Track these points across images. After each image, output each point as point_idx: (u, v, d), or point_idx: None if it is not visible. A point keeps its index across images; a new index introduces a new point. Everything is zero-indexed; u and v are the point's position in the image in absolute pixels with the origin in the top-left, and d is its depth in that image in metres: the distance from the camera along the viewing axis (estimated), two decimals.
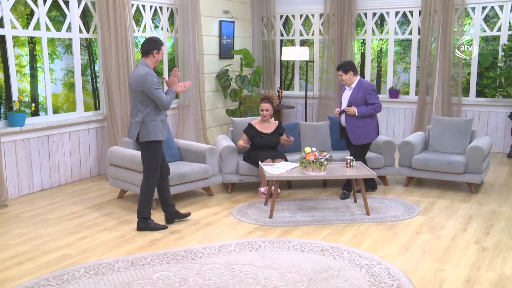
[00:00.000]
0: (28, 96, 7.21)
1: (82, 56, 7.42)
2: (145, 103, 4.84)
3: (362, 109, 5.92)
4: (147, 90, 4.76)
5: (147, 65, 4.87)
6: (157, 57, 4.91)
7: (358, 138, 6.00)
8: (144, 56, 4.91)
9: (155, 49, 4.87)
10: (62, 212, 5.67)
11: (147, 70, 4.80)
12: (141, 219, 5.10)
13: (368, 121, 5.99)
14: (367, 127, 5.99)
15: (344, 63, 6.04)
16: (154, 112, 4.88)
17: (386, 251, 4.53)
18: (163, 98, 4.80)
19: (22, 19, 6.30)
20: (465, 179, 6.31)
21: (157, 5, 8.18)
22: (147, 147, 4.95)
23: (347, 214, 5.54)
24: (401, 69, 9.82)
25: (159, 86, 4.80)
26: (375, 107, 5.93)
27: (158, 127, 4.91)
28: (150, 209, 5.13)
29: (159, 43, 4.91)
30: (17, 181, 6.28)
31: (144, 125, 4.87)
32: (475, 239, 4.82)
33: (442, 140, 6.83)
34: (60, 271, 4.10)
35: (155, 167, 5.02)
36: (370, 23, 9.66)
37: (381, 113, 9.52)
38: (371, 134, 6.05)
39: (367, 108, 5.93)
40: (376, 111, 5.96)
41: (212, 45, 9.40)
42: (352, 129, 6.00)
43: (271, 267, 4.17)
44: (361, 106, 5.93)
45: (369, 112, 5.93)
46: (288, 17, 10.49)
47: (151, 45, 4.86)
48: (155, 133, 4.89)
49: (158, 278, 3.98)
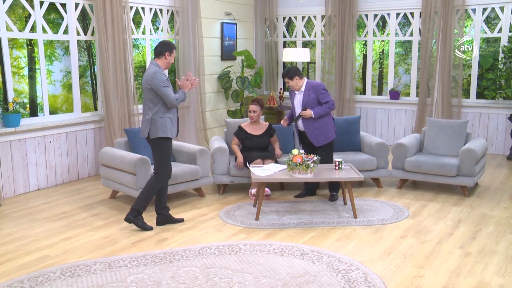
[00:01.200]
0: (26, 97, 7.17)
1: (82, 58, 7.36)
2: (154, 101, 4.86)
3: (317, 109, 5.73)
4: (156, 88, 4.79)
5: (158, 66, 4.90)
6: (169, 59, 4.94)
7: (319, 140, 5.81)
8: (156, 58, 4.95)
9: (167, 51, 4.92)
10: (53, 212, 5.61)
11: (156, 69, 4.85)
12: (133, 210, 4.99)
13: (326, 120, 5.80)
14: (325, 126, 5.80)
15: (287, 70, 5.84)
16: (163, 109, 4.89)
17: (367, 256, 4.36)
18: (170, 96, 4.81)
19: (20, 21, 6.26)
20: (457, 182, 6.09)
21: (157, 7, 8.09)
22: (156, 144, 4.94)
23: (335, 217, 5.37)
24: (402, 70, 9.59)
25: (168, 84, 4.83)
26: (329, 105, 5.74)
27: (167, 124, 4.90)
28: (146, 205, 5.04)
29: (172, 46, 4.96)
30: (12, 180, 6.24)
31: (153, 123, 4.88)
32: (460, 244, 4.63)
33: (437, 142, 6.61)
34: (36, 273, 4.02)
35: (167, 165, 5.01)
36: (371, 25, 9.45)
37: (382, 114, 9.37)
38: (330, 133, 5.86)
39: (321, 108, 5.74)
40: (330, 109, 5.76)
41: (214, 47, 9.29)
42: (311, 132, 5.81)
43: (247, 271, 4.03)
44: (315, 107, 5.76)
45: (325, 111, 5.73)
46: (291, 18, 10.32)
47: (163, 48, 4.92)
48: (164, 130, 4.88)
49: (132, 281, 3.87)
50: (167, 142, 4.95)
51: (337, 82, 9.59)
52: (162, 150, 4.94)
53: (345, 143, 6.75)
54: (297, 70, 5.79)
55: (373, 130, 9.58)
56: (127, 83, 7.27)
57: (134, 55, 8.51)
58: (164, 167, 4.97)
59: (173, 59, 5.01)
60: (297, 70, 5.77)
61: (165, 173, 5.01)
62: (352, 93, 9.56)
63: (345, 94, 9.57)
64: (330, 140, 5.84)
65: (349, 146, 6.78)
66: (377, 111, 9.54)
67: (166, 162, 4.98)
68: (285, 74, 5.78)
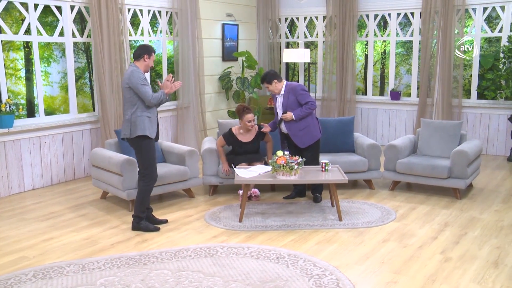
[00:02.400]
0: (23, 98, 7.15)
1: (80, 60, 7.31)
2: (133, 100, 4.79)
3: (297, 111, 5.54)
4: (133, 85, 4.72)
5: (137, 67, 4.82)
6: (148, 62, 4.86)
7: (304, 141, 5.63)
8: (135, 60, 4.87)
9: (146, 54, 4.85)
10: (42, 212, 5.56)
11: (134, 69, 4.78)
12: (134, 217, 4.97)
13: (309, 121, 5.61)
14: (309, 127, 5.61)
15: (265, 75, 5.64)
16: (141, 108, 4.80)
17: (344, 260, 4.19)
18: (148, 94, 4.73)
19: (17, 24, 6.22)
20: (449, 184, 5.87)
21: (156, 9, 8.00)
22: (136, 144, 4.85)
23: (319, 219, 5.20)
24: (404, 70, 9.34)
25: (145, 82, 4.76)
26: (309, 106, 5.54)
27: (145, 122, 4.80)
28: (143, 209, 4.97)
29: (151, 49, 4.88)
30: (7, 180, 6.22)
31: (133, 122, 4.80)
32: (442, 248, 4.42)
33: (431, 144, 6.39)
34: (8, 275, 3.95)
35: (152, 166, 4.90)
36: (372, 25, 9.22)
37: (383, 114, 9.15)
38: (314, 133, 5.66)
39: (302, 109, 5.54)
40: (311, 109, 5.56)
41: (215, 48, 9.17)
42: (295, 134, 5.62)
43: (219, 274, 3.90)
44: (295, 109, 5.57)
45: (305, 112, 5.54)
46: (293, 19, 10.14)
47: (142, 50, 4.86)
48: (142, 128, 4.79)
49: (102, 283, 3.77)
50: (147, 142, 4.83)
51: (338, 82, 9.39)
52: (143, 150, 4.84)
53: (338, 144, 6.58)
54: (275, 73, 5.62)
55: (374, 130, 9.36)
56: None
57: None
58: (149, 169, 4.87)
59: (152, 62, 4.92)
60: (274, 74, 5.60)
61: (151, 175, 4.90)
62: (353, 94, 9.35)
63: (346, 95, 9.36)
64: (316, 139, 5.65)
65: (343, 147, 6.59)
66: (378, 111, 9.31)
67: (150, 162, 4.87)
68: (263, 79, 5.61)
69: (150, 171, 4.89)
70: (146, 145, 4.83)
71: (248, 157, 5.87)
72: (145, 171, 4.88)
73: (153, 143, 4.90)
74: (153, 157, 4.90)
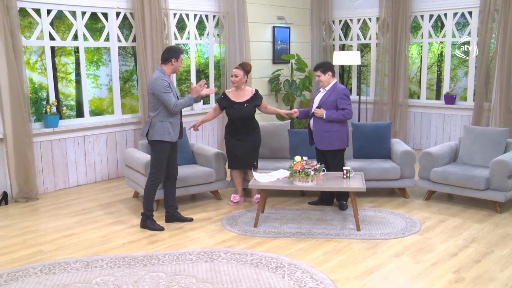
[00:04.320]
0: (73, 100, 7.47)
1: (128, 63, 7.52)
2: (156, 105, 4.85)
3: (330, 112, 5.23)
4: (157, 93, 4.77)
5: (163, 71, 4.87)
6: (176, 65, 4.90)
7: (322, 143, 5.32)
8: (162, 63, 4.91)
9: (174, 57, 4.87)
10: (75, 208, 5.74)
11: (159, 75, 4.81)
12: (142, 215, 5.06)
13: (336, 127, 5.27)
14: (333, 132, 5.27)
15: (322, 63, 5.37)
16: (163, 114, 4.86)
17: (345, 274, 3.91)
18: (171, 101, 4.77)
19: (69, 31, 6.50)
20: (487, 196, 5.33)
21: (203, 14, 8.03)
22: (153, 146, 4.94)
23: (337, 228, 4.92)
24: (462, 73, 8.65)
25: (168, 90, 4.79)
26: (344, 113, 5.21)
27: (165, 128, 4.86)
28: (150, 208, 5.02)
29: (178, 52, 4.90)
30: (53, 177, 6.51)
31: (152, 125, 4.88)
32: (458, 267, 4.00)
33: (472, 152, 5.85)
34: (20, 267, 4.09)
35: (160, 167, 4.95)
36: (427, 26, 8.64)
37: (436, 119, 8.58)
38: (337, 141, 5.29)
39: (336, 112, 5.23)
40: (345, 117, 5.22)
41: (265, 51, 9.05)
42: (317, 132, 5.32)
43: (210, 281, 3.79)
44: (331, 109, 5.25)
45: (338, 117, 5.22)
46: (347, 21, 9.77)
47: (170, 54, 4.88)
48: (161, 133, 4.85)
49: (97, 282, 3.80)
50: (164, 145, 4.89)
51: (390, 85, 8.91)
52: (157, 152, 4.90)
53: (374, 150, 6.22)
54: (332, 66, 5.36)
55: (428, 136, 8.78)
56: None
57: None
58: (157, 168, 4.92)
59: (180, 64, 4.95)
60: (331, 66, 5.34)
61: (158, 174, 4.93)
62: (405, 97, 8.83)
63: (397, 98, 8.86)
64: (335, 148, 5.32)
65: (378, 153, 6.22)
66: (432, 116, 8.72)
67: (160, 163, 4.91)
68: (319, 66, 5.32)
69: (157, 170, 4.93)
70: (160, 147, 4.88)
71: (241, 132, 5.60)
72: (153, 169, 4.93)
73: (167, 147, 4.92)
74: (164, 158, 4.92)
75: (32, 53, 6.90)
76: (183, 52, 4.98)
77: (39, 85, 6.82)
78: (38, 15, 6.22)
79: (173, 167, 5.11)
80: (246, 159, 5.67)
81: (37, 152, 6.29)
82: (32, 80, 6.91)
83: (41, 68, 6.54)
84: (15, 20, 5.78)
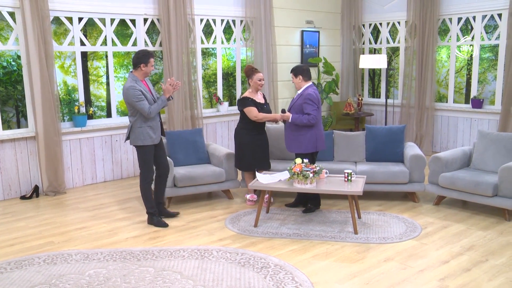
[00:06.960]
0: (104, 101, 7.72)
1: (157, 66, 7.67)
2: (133, 112, 4.88)
3: (296, 117, 5.11)
4: (130, 103, 4.79)
5: (134, 78, 4.84)
6: (145, 70, 4.86)
7: (290, 146, 5.25)
8: (133, 69, 4.88)
9: (142, 63, 4.82)
10: (94, 203, 5.93)
11: (130, 84, 4.78)
12: (147, 214, 5.15)
13: (302, 131, 5.15)
14: (299, 136, 5.16)
15: (295, 67, 5.27)
16: (142, 119, 4.87)
17: (327, 277, 3.80)
18: (145, 109, 4.76)
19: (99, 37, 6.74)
20: (494, 203, 5.02)
21: (230, 19, 8.06)
22: (138, 150, 5.00)
23: (335, 231, 4.79)
24: (492, 77, 8.18)
25: (140, 98, 4.75)
26: (309, 118, 5.05)
27: (145, 133, 4.88)
28: (151, 205, 5.10)
29: (147, 56, 4.83)
30: (81, 172, 6.75)
31: (133, 131, 4.92)
32: (446, 274, 3.78)
33: (485, 157, 5.53)
34: (28, 256, 4.27)
35: (148, 167, 5.01)
36: (455, 29, 8.25)
37: (463, 123, 8.22)
38: (304, 145, 5.16)
39: (300, 116, 5.09)
40: (309, 122, 5.06)
41: (293, 54, 8.96)
42: (287, 135, 5.29)
43: (194, 278, 3.80)
44: (299, 113, 5.12)
45: (301, 121, 5.07)
46: (376, 25, 9.50)
47: (138, 60, 4.83)
48: (142, 139, 4.89)
49: (89, 274, 3.90)
50: (147, 148, 4.93)
51: (417, 89, 8.58)
52: (142, 154, 4.96)
53: (386, 153, 6.02)
54: (304, 70, 5.24)
55: (454, 140, 8.39)
56: (190, 89, 7.39)
57: (212, 63, 8.62)
58: (145, 168, 4.97)
59: (151, 68, 4.86)
60: (304, 70, 5.23)
61: (147, 174, 4.99)
62: (432, 101, 8.47)
63: (424, 102, 8.52)
64: (301, 151, 5.20)
65: (391, 157, 6.01)
66: (459, 120, 8.32)
67: (147, 164, 4.96)
68: (292, 70, 5.31)
69: (145, 171, 4.98)
70: (144, 151, 4.93)
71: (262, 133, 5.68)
72: (142, 170, 5.00)
73: (151, 148, 4.95)
74: (150, 159, 4.97)
75: (67, 58, 7.16)
76: (153, 56, 4.88)
77: (72, 87, 7.07)
78: (70, 22, 6.48)
79: (163, 166, 5.16)
80: (267, 159, 5.69)
81: (67, 149, 6.55)
82: (66, 82, 7.19)
83: (74, 72, 6.79)
84: (47, 27, 6.05)
